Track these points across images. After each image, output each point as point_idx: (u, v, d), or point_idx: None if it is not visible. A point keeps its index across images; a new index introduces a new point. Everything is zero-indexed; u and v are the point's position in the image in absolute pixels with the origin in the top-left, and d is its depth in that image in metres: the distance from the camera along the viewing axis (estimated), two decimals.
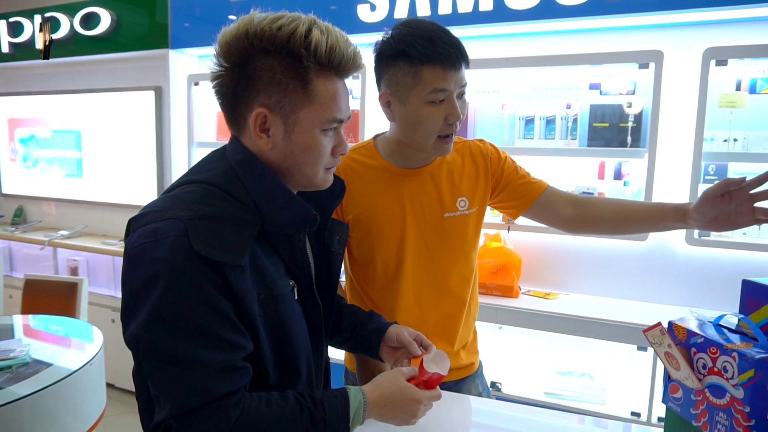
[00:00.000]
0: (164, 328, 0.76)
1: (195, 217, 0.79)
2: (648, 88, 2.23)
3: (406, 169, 1.29)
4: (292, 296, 0.92)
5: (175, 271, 0.76)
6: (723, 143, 2.16)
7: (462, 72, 1.17)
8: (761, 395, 0.83)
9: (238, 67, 0.84)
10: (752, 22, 2.13)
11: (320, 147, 0.88)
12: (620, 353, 2.25)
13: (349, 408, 0.86)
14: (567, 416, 1.38)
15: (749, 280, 0.99)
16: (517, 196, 1.37)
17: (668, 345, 0.95)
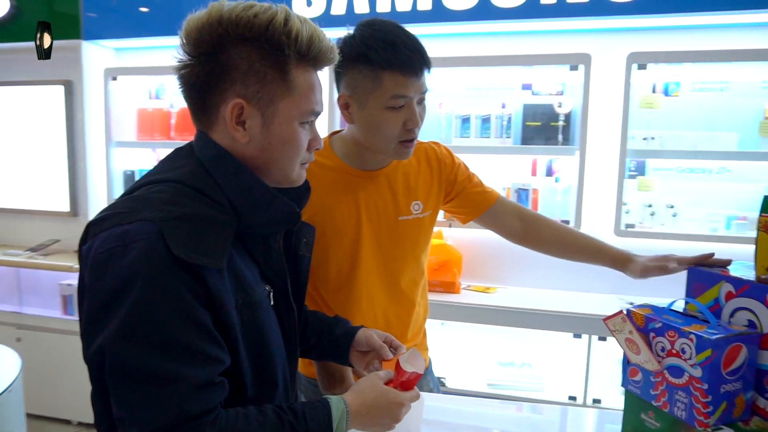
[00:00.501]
0: (137, 342, 0.69)
1: (169, 218, 0.73)
2: (576, 89, 2.36)
3: (363, 171, 1.27)
4: (268, 302, 0.88)
5: (149, 278, 0.70)
6: (642, 141, 2.33)
7: (423, 78, 1.16)
8: (716, 372, 0.89)
9: (211, 56, 0.78)
10: (670, 30, 2.32)
11: (299, 140, 0.84)
12: (557, 341, 2.36)
13: (332, 419, 0.82)
14: (507, 405, 1.44)
15: (694, 268, 1.07)
16: (469, 203, 1.40)
17: (629, 331, 1.00)
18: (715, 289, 1.00)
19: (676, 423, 0.95)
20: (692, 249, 2.28)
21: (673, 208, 2.32)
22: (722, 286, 0.99)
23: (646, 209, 2.35)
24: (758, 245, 0.93)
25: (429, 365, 1.49)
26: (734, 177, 2.36)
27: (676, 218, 2.32)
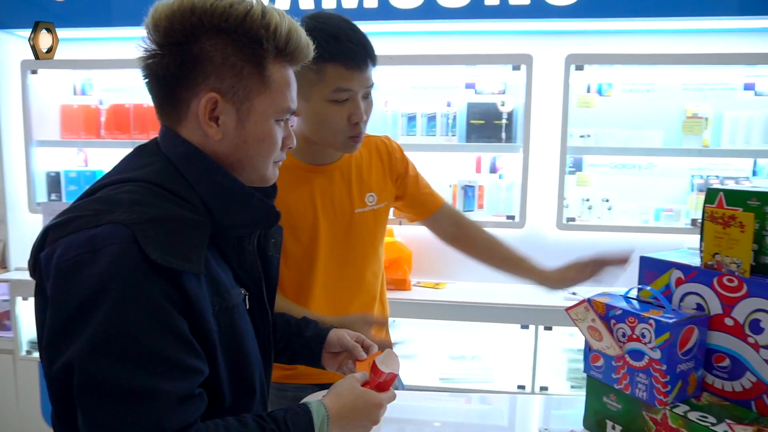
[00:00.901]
0: (112, 356, 0.64)
1: (142, 220, 0.68)
2: (517, 89, 2.44)
3: (315, 166, 1.26)
4: (244, 307, 0.84)
5: (124, 285, 0.65)
6: (580, 139, 2.45)
7: (368, 72, 1.15)
8: (674, 354, 0.95)
9: (182, 46, 0.73)
10: (604, 33, 2.45)
11: (275, 138, 0.81)
12: (505, 333, 2.43)
13: (314, 425, 0.80)
14: (457, 398, 1.47)
15: (646, 256, 1.13)
16: (417, 204, 1.43)
17: (592, 320, 1.04)
18: (666, 275, 1.07)
19: (637, 403, 1.01)
20: (626, 240, 2.45)
21: (609, 201, 2.46)
22: (672, 273, 1.06)
23: (584, 203, 2.47)
24: (704, 234, 1.00)
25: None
26: (660, 172, 2.54)
27: (611, 211, 2.46)
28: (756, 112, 2.38)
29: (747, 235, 0.94)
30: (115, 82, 2.80)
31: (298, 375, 1.31)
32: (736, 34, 2.42)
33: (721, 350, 0.99)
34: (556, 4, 2.28)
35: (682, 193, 2.51)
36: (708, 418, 0.92)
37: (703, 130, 2.39)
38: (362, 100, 1.16)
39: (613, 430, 1.06)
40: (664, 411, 0.96)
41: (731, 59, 2.33)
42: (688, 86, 2.48)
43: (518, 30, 2.46)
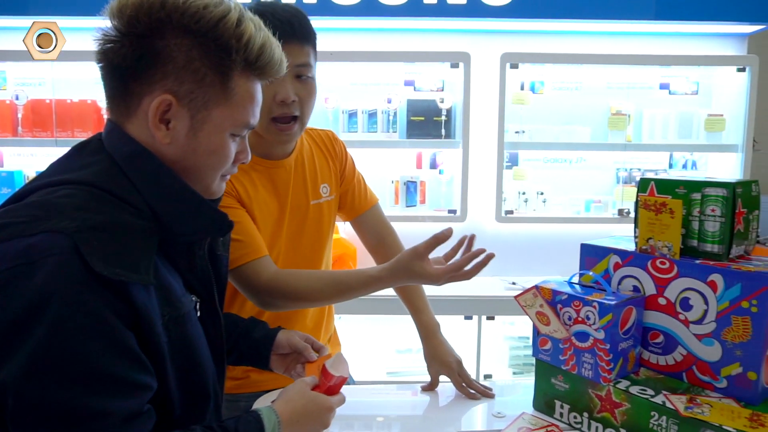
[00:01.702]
0: (54, 376, 0.59)
1: (83, 228, 0.63)
2: (456, 86, 2.51)
3: (269, 161, 1.25)
4: (195, 314, 0.81)
5: (66, 300, 0.60)
6: (515, 134, 2.55)
7: (299, 50, 1.11)
8: (615, 333, 1.02)
9: (144, 39, 0.69)
10: (537, 33, 2.57)
11: (227, 152, 0.77)
12: (449, 324, 2.48)
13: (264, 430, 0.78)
14: (404, 390, 1.49)
15: (586, 244, 1.19)
16: (347, 204, 1.40)
17: (540, 305, 1.09)
18: (605, 261, 1.14)
19: (583, 382, 1.07)
20: (561, 230, 2.58)
21: (543, 194, 2.58)
22: (611, 258, 1.13)
23: (520, 196, 2.58)
24: (639, 220, 1.08)
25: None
26: (589, 166, 2.70)
27: (546, 203, 2.58)
28: (671, 110, 2.58)
29: (676, 221, 1.02)
30: (34, 76, 2.61)
31: (250, 384, 1.28)
32: (653, 38, 2.62)
33: (655, 328, 1.07)
34: (492, 4, 2.36)
35: (609, 185, 2.68)
36: (647, 391, 0.99)
37: (626, 126, 2.56)
38: (294, 80, 1.12)
39: (562, 409, 1.11)
40: (608, 387, 1.02)
41: (648, 60, 2.51)
42: (611, 85, 2.65)
43: (456, 29, 2.52)
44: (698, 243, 1.03)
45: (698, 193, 1.02)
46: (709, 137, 2.57)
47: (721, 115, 2.56)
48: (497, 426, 1.10)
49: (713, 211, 1.01)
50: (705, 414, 0.91)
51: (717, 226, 1.00)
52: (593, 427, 1.06)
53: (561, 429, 1.08)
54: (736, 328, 0.96)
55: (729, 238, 1.00)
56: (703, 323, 1.00)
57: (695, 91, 2.67)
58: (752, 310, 0.93)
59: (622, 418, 1.01)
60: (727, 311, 0.96)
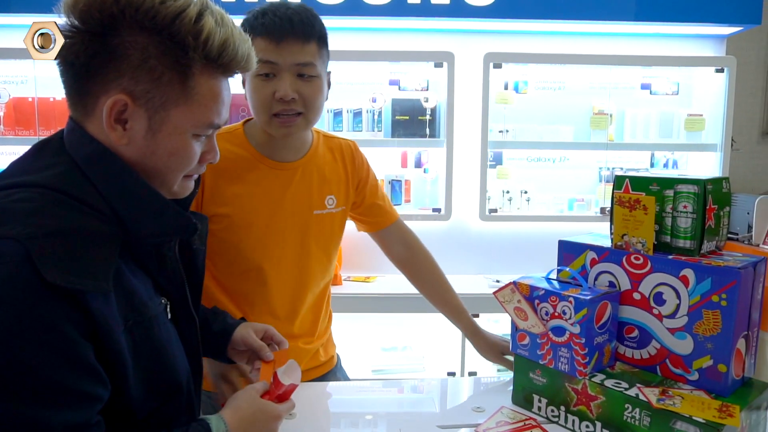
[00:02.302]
0: (1, 388, 0.58)
1: (38, 234, 0.60)
2: (440, 85, 2.52)
3: (277, 162, 1.23)
4: (165, 316, 0.79)
5: (16, 312, 0.58)
6: (499, 134, 2.58)
7: (296, 47, 1.10)
8: (591, 327, 1.04)
9: (98, 36, 0.66)
10: (520, 34, 2.60)
11: (189, 153, 0.74)
12: (434, 322, 2.50)
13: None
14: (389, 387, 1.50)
15: (564, 240, 1.21)
16: (370, 216, 1.40)
17: (518, 301, 1.11)
18: (582, 257, 1.16)
19: (560, 376, 1.08)
20: (544, 229, 2.60)
21: (527, 193, 2.61)
22: (587, 254, 1.15)
23: (504, 195, 2.60)
24: (614, 217, 1.10)
25: (338, 361, 1.49)
26: (572, 165, 2.73)
27: (530, 202, 2.61)
28: (652, 110, 2.62)
29: (650, 217, 1.04)
30: (16, 74, 2.58)
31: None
32: (634, 39, 2.65)
33: (630, 322, 1.09)
34: (476, 4, 2.38)
35: (592, 184, 2.71)
36: (621, 384, 1.01)
37: (608, 125, 2.60)
38: (295, 78, 1.11)
39: (540, 403, 1.13)
40: (584, 381, 1.04)
41: (630, 60, 2.55)
42: (594, 85, 2.68)
43: (440, 29, 2.54)
44: (671, 239, 1.05)
45: (671, 189, 1.04)
46: (689, 137, 2.62)
47: (701, 115, 2.61)
48: (477, 420, 1.12)
49: (685, 207, 1.03)
50: (676, 405, 0.93)
51: (689, 222, 1.03)
52: (570, 420, 1.07)
53: (538, 423, 1.10)
54: (707, 321, 0.98)
55: (700, 233, 1.02)
56: (675, 317, 1.02)
57: (676, 91, 2.71)
58: (722, 303, 0.96)
59: (597, 411, 1.03)
60: (699, 305, 0.98)
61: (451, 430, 1.11)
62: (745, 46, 2.85)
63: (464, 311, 1.42)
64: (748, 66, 2.86)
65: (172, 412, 0.81)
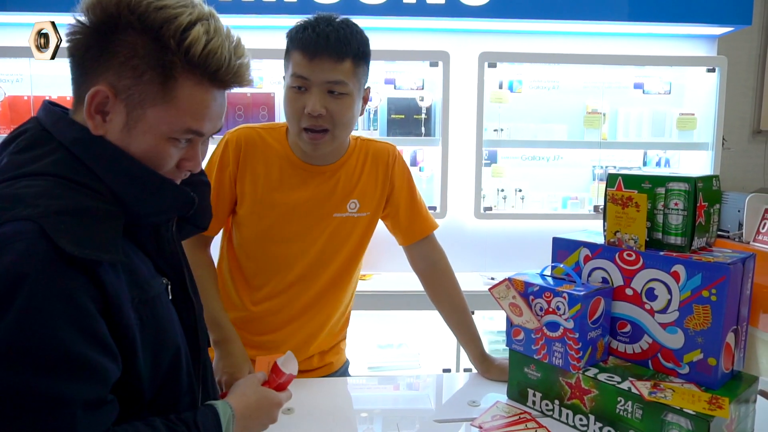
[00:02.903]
0: (25, 360, 0.59)
1: (48, 213, 0.63)
2: (435, 85, 2.54)
3: (306, 164, 1.26)
4: (167, 296, 0.81)
5: (38, 282, 0.60)
6: (494, 132, 2.60)
7: (331, 65, 1.12)
8: (584, 323, 1.06)
9: (97, 33, 0.71)
10: (514, 33, 2.61)
11: (162, 155, 0.75)
12: (429, 319, 2.52)
13: (221, 425, 0.81)
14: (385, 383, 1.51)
15: (558, 237, 1.23)
16: (404, 227, 1.38)
17: (513, 297, 1.13)
18: (576, 254, 1.18)
19: (554, 370, 1.11)
20: (538, 227, 2.63)
21: (521, 191, 2.63)
22: (581, 251, 1.17)
23: (499, 193, 2.62)
24: (607, 214, 1.12)
25: (345, 366, 1.51)
26: (566, 163, 2.75)
27: (524, 200, 2.63)
28: (645, 109, 2.65)
29: (642, 214, 1.06)
30: (12, 72, 2.58)
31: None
32: (628, 38, 2.68)
33: (623, 318, 1.11)
34: (471, 4, 2.40)
35: (586, 182, 2.74)
36: (614, 378, 1.03)
37: (602, 124, 2.62)
38: (325, 95, 1.13)
39: (534, 397, 1.15)
40: (577, 375, 1.06)
41: (623, 60, 2.57)
42: (587, 84, 2.70)
43: (435, 28, 2.56)
44: (662, 235, 1.08)
45: (662, 187, 1.07)
46: (681, 135, 2.65)
47: (693, 115, 2.64)
48: (472, 414, 1.14)
49: (676, 204, 1.05)
50: (667, 398, 0.96)
51: (680, 219, 1.05)
52: (564, 413, 1.10)
53: (533, 416, 1.12)
54: (698, 316, 1.00)
55: (691, 230, 1.05)
56: (667, 312, 1.04)
57: (668, 90, 2.74)
58: (712, 299, 0.98)
59: (590, 405, 1.05)
60: (689, 300, 1.01)
61: (448, 424, 1.13)
62: (737, 46, 2.88)
63: (477, 339, 1.39)
64: (739, 66, 2.89)
65: (175, 392, 0.82)
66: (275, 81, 2.63)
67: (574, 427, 1.07)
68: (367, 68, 1.21)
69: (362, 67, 1.18)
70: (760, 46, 2.93)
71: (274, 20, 2.47)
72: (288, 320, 1.32)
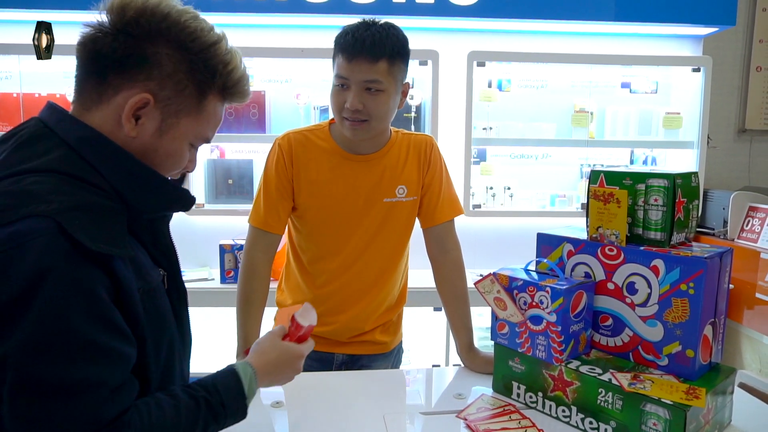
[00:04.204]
0: (51, 351, 0.63)
1: (62, 209, 0.67)
2: (425, 83, 2.56)
3: (354, 155, 1.39)
4: (163, 287, 0.85)
5: (60, 276, 0.64)
6: (482, 131, 2.62)
7: (367, 67, 1.24)
8: (567, 316, 1.08)
9: (138, 40, 0.75)
10: (503, 33, 2.64)
11: (183, 158, 0.84)
12: (419, 316, 2.55)
13: (243, 384, 0.84)
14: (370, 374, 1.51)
15: (542, 233, 1.26)
16: (428, 209, 1.46)
17: (497, 291, 1.15)
18: (560, 249, 1.20)
19: (538, 363, 1.13)
20: (527, 224, 2.65)
21: (510, 189, 2.65)
22: (564, 246, 1.19)
23: (488, 191, 2.65)
24: (590, 210, 1.14)
25: (396, 349, 1.64)
26: (554, 161, 2.78)
27: (513, 198, 2.66)
28: (631, 108, 2.68)
29: (623, 210, 1.09)
30: (1, 69, 2.56)
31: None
32: (615, 38, 2.71)
33: (605, 311, 1.14)
34: (460, 3, 2.42)
35: (573, 180, 2.77)
36: (596, 370, 1.06)
37: (589, 123, 2.65)
38: (363, 92, 1.26)
39: (518, 390, 1.18)
40: (560, 367, 1.09)
41: (610, 60, 2.61)
42: (575, 84, 2.73)
43: (424, 27, 2.57)
44: (643, 231, 1.10)
45: (643, 184, 1.09)
46: (667, 134, 2.68)
47: (679, 114, 2.67)
48: (458, 407, 1.16)
49: (656, 200, 1.08)
50: (646, 389, 0.98)
51: (659, 215, 1.08)
52: (547, 405, 1.12)
53: (517, 408, 1.14)
54: (676, 309, 1.03)
55: (670, 226, 1.07)
56: (647, 306, 1.07)
57: (654, 90, 2.77)
58: (690, 292, 1.01)
59: (573, 396, 1.07)
60: (668, 294, 1.03)
61: (434, 416, 1.15)
62: (722, 46, 2.92)
63: (469, 330, 1.47)
64: (724, 66, 2.93)
65: (171, 380, 0.85)
66: (266, 79, 2.64)
67: (557, 419, 1.10)
68: (405, 66, 1.33)
69: (398, 66, 1.30)
70: (744, 47, 2.97)
71: (266, 19, 2.48)
72: (350, 300, 1.44)
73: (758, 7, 2.94)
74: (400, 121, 2.57)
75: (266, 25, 2.54)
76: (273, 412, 1.17)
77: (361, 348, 1.51)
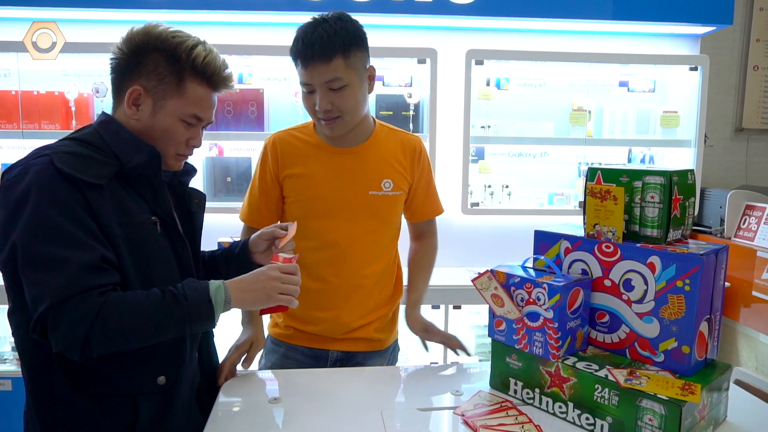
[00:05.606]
0: (37, 235, 0.93)
1: (58, 151, 0.99)
2: (423, 81, 2.56)
3: (339, 148, 1.45)
4: (155, 229, 1.09)
5: (42, 189, 0.94)
6: (481, 129, 2.62)
7: (323, 68, 1.28)
8: (564, 313, 1.09)
9: (133, 55, 1.07)
10: (502, 31, 2.64)
11: (176, 133, 1.10)
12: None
13: (209, 287, 1.02)
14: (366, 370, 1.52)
15: (539, 230, 1.26)
16: (415, 207, 1.59)
17: (495, 288, 1.16)
18: (557, 246, 1.21)
19: (534, 360, 1.13)
20: (525, 222, 2.66)
21: (508, 187, 2.66)
22: (562, 244, 1.20)
23: (486, 189, 2.65)
24: (586, 207, 1.15)
25: (391, 347, 1.66)
26: (552, 160, 2.79)
27: (511, 196, 2.66)
28: (629, 107, 2.69)
29: (619, 207, 1.09)
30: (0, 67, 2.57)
31: (292, 336, 1.53)
32: (613, 37, 2.72)
33: (602, 308, 1.15)
34: (458, 1, 2.42)
35: (571, 178, 2.78)
36: (592, 366, 1.06)
37: (587, 121, 2.66)
38: (327, 92, 1.31)
39: (515, 386, 1.18)
40: (557, 364, 1.09)
41: (608, 58, 2.61)
42: (573, 82, 2.74)
43: (422, 25, 2.58)
44: (639, 228, 1.11)
45: (639, 181, 1.10)
46: (664, 133, 2.69)
47: (676, 112, 2.68)
48: (455, 403, 1.17)
49: (652, 197, 1.08)
50: (642, 385, 0.99)
51: (656, 212, 1.08)
52: (544, 401, 1.12)
53: (514, 404, 1.15)
54: (672, 305, 1.03)
55: (666, 223, 1.08)
56: (643, 302, 1.07)
57: (652, 89, 2.78)
58: (686, 288, 1.01)
59: (569, 392, 1.08)
60: (664, 290, 1.04)
61: (431, 412, 1.16)
62: (719, 45, 2.93)
63: (419, 292, 1.64)
64: (721, 65, 2.94)
65: None
66: (264, 77, 2.64)
67: (554, 415, 1.10)
68: (362, 53, 1.35)
69: (355, 56, 1.32)
70: (742, 46, 2.98)
71: (264, 17, 2.48)
72: (341, 294, 1.47)
73: (755, 7, 2.95)
74: (399, 120, 2.58)
75: (265, 23, 2.54)
76: (270, 408, 1.17)
77: (356, 345, 1.52)
